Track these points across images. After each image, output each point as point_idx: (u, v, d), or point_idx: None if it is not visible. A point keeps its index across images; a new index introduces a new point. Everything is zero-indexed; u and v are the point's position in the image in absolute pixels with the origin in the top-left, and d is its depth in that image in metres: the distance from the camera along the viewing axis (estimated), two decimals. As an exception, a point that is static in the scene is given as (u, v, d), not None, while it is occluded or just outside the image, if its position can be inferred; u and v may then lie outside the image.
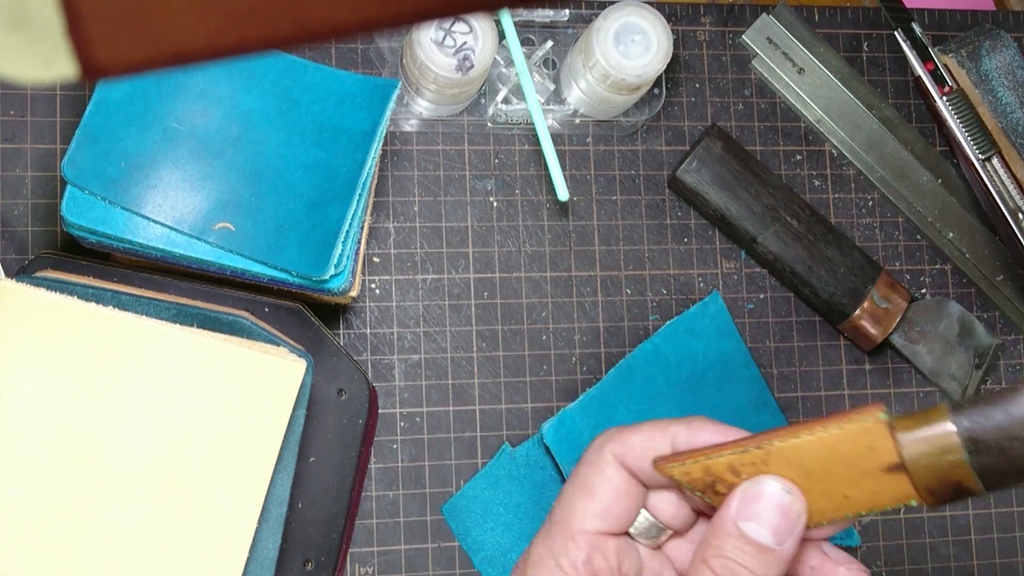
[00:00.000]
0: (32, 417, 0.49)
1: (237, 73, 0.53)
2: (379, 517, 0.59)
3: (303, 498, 0.53)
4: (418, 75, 0.57)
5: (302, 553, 0.53)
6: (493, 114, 0.61)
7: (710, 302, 0.63)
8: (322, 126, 0.53)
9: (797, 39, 0.66)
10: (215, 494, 0.49)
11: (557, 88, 0.62)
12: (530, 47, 0.61)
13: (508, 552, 0.59)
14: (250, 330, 0.52)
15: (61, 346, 0.49)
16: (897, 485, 0.38)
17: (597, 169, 0.63)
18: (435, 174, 0.62)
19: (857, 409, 0.38)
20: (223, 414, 0.50)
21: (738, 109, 0.66)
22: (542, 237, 0.62)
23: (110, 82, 0.50)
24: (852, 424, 0.37)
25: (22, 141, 0.58)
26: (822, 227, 0.64)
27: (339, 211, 0.52)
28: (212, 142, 0.52)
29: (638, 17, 0.58)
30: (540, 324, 0.62)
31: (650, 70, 0.58)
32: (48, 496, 0.48)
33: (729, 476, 0.39)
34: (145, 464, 0.49)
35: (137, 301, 0.52)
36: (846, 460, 0.38)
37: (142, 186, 0.51)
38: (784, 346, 0.64)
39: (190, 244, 0.51)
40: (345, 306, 0.60)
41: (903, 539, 0.64)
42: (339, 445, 0.54)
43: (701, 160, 0.63)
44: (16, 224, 0.57)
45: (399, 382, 0.60)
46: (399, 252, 0.61)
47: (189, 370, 0.50)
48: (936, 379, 0.65)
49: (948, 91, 0.65)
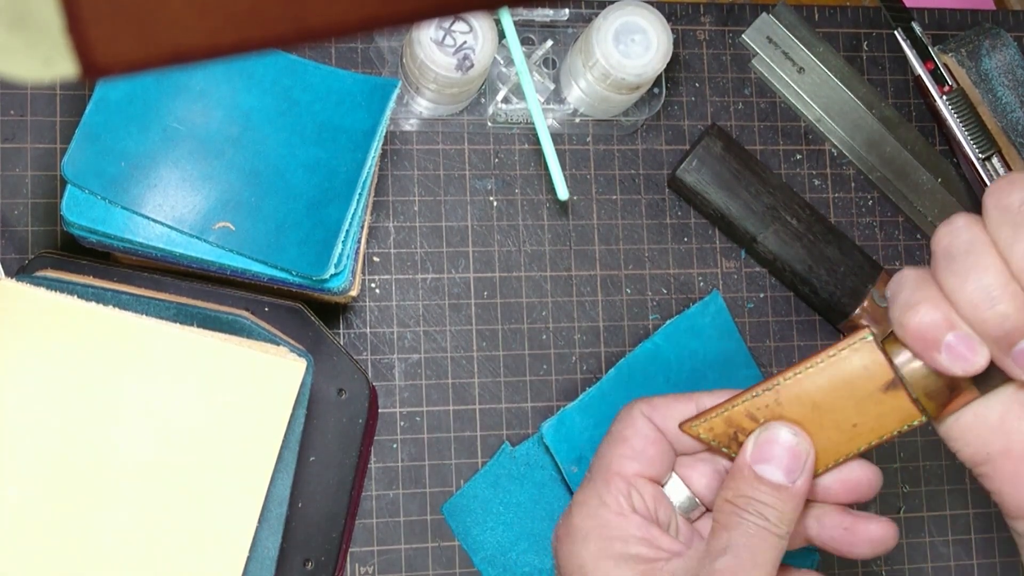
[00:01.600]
0: (32, 417, 0.49)
1: (237, 73, 0.53)
2: (379, 517, 0.59)
3: (303, 498, 0.53)
4: (418, 74, 0.57)
5: (302, 553, 0.53)
6: (493, 113, 0.61)
7: (710, 301, 0.63)
8: (322, 126, 0.53)
9: (797, 38, 0.66)
10: (215, 494, 0.49)
11: (557, 87, 0.62)
12: (530, 46, 0.61)
13: (508, 551, 0.59)
14: (250, 329, 0.52)
15: (61, 346, 0.49)
16: (898, 403, 0.42)
17: (597, 169, 0.63)
18: (435, 173, 0.62)
19: (847, 336, 0.42)
20: (223, 413, 0.50)
21: (738, 108, 0.66)
22: (542, 236, 0.62)
23: (110, 82, 0.50)
24: (845, 348, 0.42)
25: (22, 141, 0.58)
26: (822, 227, 0.64)
27: (339, 211, 0.52)
28: (212, 142, 0.52)
29: (638, 16, 0.58)
30: (540, 324, 0.62)
31: (650, 69, 0.58)
32: (48, 496, 0.48)
33: (748, 423, 0.44)
34: (145, 463, 0.49)
35: (137, 300, 0.52)
36: (847, 385, 0.42)
37: (142, 186, 0.51)
38: (784, 345, 0.64)
39: (190, 244, 0.51)
40: (345, 306, 0.60)
41: (903, 539, 0.64)
42: (339, 445, 0.54)
43: (701, 159, 0.63)
44: (16, 224, 0.57)
45: (399, 381, 0.60)
46: (399, 252, 0.61)
47: (189, 369, 0.50)
48: (936, 378, 0.66)
49: (948, 90, 0.65)
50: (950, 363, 0.39)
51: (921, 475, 0.65)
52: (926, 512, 0.64)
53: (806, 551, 0.61)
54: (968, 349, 0.39)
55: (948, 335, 0.39)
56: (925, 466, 0.65)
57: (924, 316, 0.39)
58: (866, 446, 0.43)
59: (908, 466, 0.65)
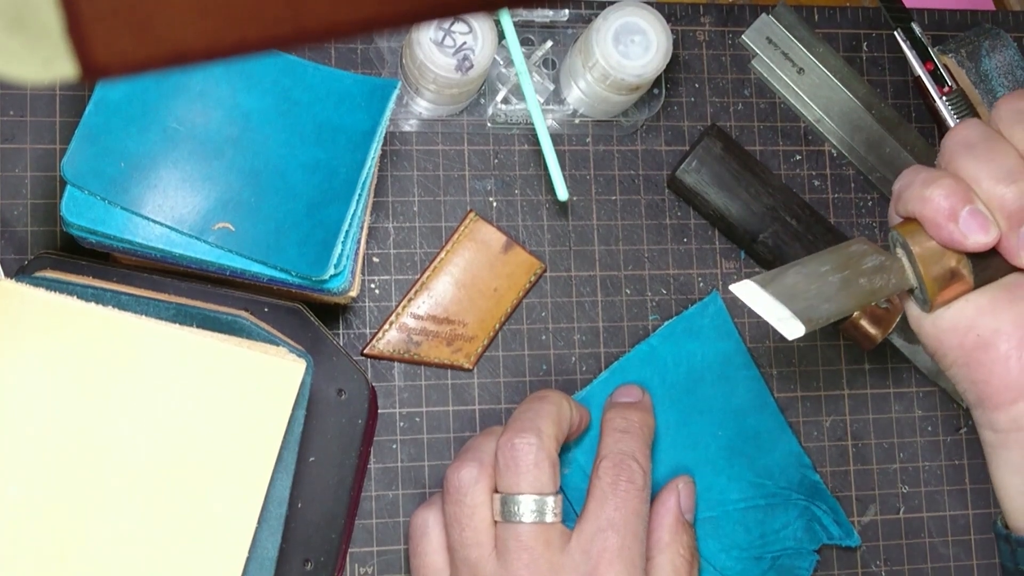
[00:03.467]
0: (32, 417, 0.49)
1: (237, 73, 0.53)
2: (379, 517, 0.59)
3: (303, 498, 0.53)
4: (418, 75, 0.57)
5: (302, 553, 0.53)
6: (493, 114, 0.61)
7: (709, 302, 0.63)
8: (322, 126, 0.53)
9: (797, 39, 0.66)
10: (214, 494, 0.49)
11: (556, 88, 0.62)
12: (529, 47, 0.61)
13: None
14: (250, 330, 0.52)
15: (61, 346, 0.49)
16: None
17: (597, 169, 0.63)
18: (434, 174, 0.62)
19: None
20: (223, 414, 0.50)
21: (738, 109, 0.66)
22: (542, 237, 0.62)
23: (110, 82, 0.50)
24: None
25: (22, 141, 0.58)
26: (822, 227, 0.64)
27: (339, 211, 0.52)
28: (212, 142, 0.52)
29: (637, 17, 0.58)
30: (540, 324, 0.62)
31: (650, 70, 0.58)
32: (48, 496, 0.48)
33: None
34: (144, 464, 0.49)
35: (137, 301, 0.52)
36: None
37: (142, 186, 0.51)
38: (783, 346, 0.64)
39: (190, 244, 0.51)
40: (345, 306, 0.60)
41: (903, 539, 0.64)
42: (339, 445, 0.54)
43: (701, 160, 0.63)
44: (16, 224, 0.57)
45: (399, 382, 0.60)
46: (399, 252, 0.61)
47: (188, 370, 0.50)
48: (936, 379, 0.66)
49: (948, 91, 0.65)
50: (964, 235, 0.43)
51: (921, 475, 0.65)
52: (926, 512, 0.64)
53: (804, 552, 0.61)
54: (982, 224, 0.43)
55: (965, 208, 0.43)
56: (925, 466, 0.65)
57: (946, 187, 0.43)
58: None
59: (908, 466, 0.65)
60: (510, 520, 0.51)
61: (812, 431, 0.64)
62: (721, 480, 0.61)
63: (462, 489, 0.52)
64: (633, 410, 0.56)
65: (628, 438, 0.54)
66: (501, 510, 0.51)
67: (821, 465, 0.63)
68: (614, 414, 0.56)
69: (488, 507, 0.52)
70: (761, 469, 0.61)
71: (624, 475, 0.52)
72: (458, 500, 0.52)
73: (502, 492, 0.52)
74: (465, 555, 0.52)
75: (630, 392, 0.58)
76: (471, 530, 0.51)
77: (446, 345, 0.60)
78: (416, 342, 0.58)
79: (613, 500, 0.52)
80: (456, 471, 0.52)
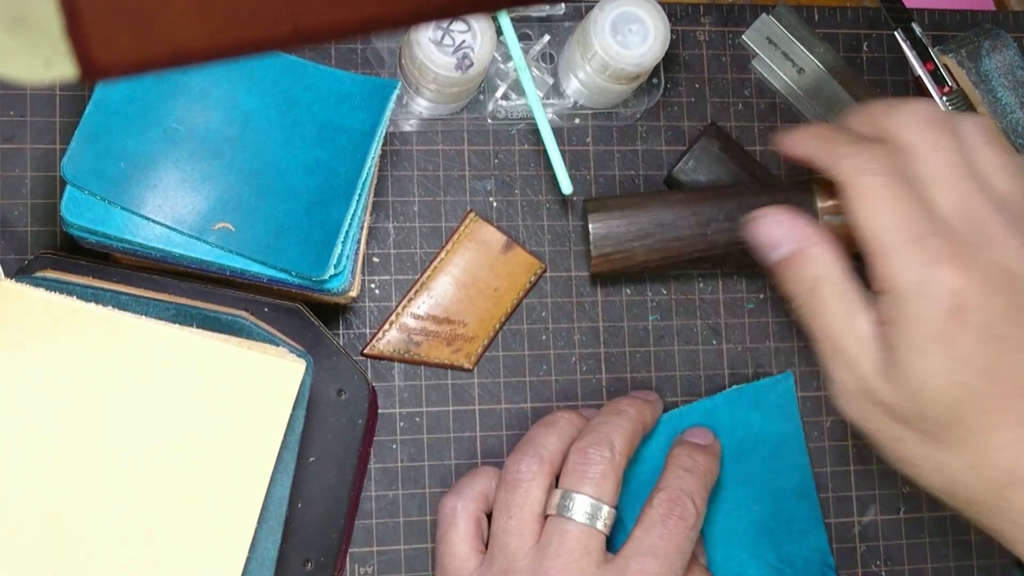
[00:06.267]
0: (31, 417, 0.49)
1: (237, 73, 0.53)
2: (379, 517, 0.59)
3: (303, 498, 0.53)
4: (417, 75, 0.57)
5: (302, 553, 0.53)
6: (493, 110, 0.61)
7: (781, 380, 0.63)
8: (322, 126, 0.53)
9: (797, 39, 0.66)
10: (214, 494, 0.49)
11: (556, 81, 0.62)
12: (527, 42, 0.61)
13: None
14: (249, 330, 0.52)
15: (60, 346, 0.49)
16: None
17: (597, 169, 0.63)
18: (434, 174, 0.62)
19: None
20: (222, 414, 0.50)
21: (738, 109, 0.66)
22: (542, 237, 0.62)
23: (110, 82, 0.50)
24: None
25: (22, 141, 0.58)
26: (822, 227, 0.64)
27: (339, 211, 0.52)
28: (212, 142, 0.52)
29: (635, 6, 0.58)
30: (540, 324, 0.62)
31: (648, 58, 0.58)
32: (47, 496, 0.48)
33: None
34: (144, 464, 0.49)
35: (136, 301, 0.52)
36: None
37: (142, 186, 0.51)
38: (783, 346, 0.64)
39: (190, 244, 0.51)
40: (345, 306, 0.60)
41: (903, 539, 0.64)
42: (339, 445, 0.54)
43: (698, 160, 0.63)
44: (16, 224, 0.57)
45: (399, 382, 0.60)
46: (399, 252, 0.61)
47: (188, 370, 0.50)
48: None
49: (948, 91, 0.65)
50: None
51: (921, 476, 0.65)
52: (926, 513, 0.64)
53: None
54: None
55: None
56: (925, 467, 0.65)
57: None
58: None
59: (908, 467, 0.65)
60: (562, 514, 0.51)
61: (812, 431, 0.63)
62: (743, 554, 0.60)
63: (520, 480, 0.53)
64: (701, 453, 0.56)
65: (690, 478, 0.54)
66: (557, 503, 0.52)
67: (821, 465, 0.63)
68: (681, 451, 0.56)
69: (540, 502, 0.52)
70: (785, 555, 0.61)
71: (677, 510, 0.52)
72: (513, 489, 0.53)
73: (563, 488, 0.52)
74: (505, 542, 0.52)
75: (703, 435, 0.58)
76: (518, 519, 0.52)
77: (446, 345, 0.60)
78: (416, 342, 0.58)
79: (661, 530, 0.52)
80: (517, 462, 0.53)
